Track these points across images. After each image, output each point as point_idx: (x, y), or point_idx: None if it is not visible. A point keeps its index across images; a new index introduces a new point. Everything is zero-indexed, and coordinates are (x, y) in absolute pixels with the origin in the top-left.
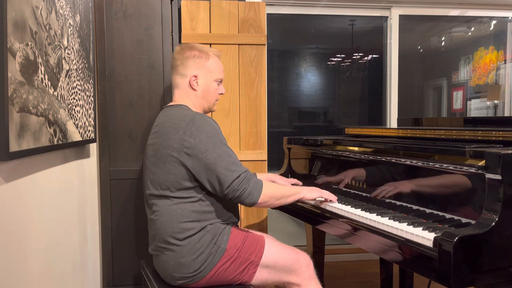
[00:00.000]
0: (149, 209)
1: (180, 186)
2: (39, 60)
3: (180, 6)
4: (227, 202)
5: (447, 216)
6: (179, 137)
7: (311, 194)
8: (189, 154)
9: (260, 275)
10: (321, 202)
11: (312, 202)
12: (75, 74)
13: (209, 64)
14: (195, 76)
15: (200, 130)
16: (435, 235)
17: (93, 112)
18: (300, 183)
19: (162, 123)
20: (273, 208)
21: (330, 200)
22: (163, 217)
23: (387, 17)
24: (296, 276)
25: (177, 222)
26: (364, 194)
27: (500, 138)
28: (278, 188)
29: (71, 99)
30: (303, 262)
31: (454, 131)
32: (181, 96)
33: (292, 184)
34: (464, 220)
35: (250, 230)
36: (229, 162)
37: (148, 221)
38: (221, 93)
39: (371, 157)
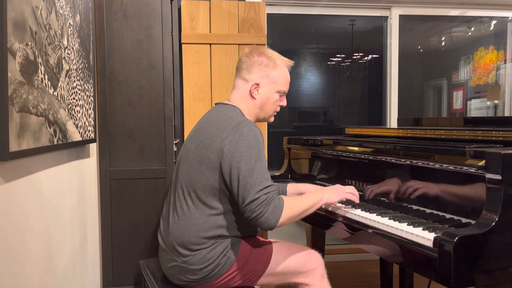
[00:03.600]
0: (172, 205)
1: (209, 192)
2: (39, 60)
3: (180, 6)
4: None
5: (447, 216)
6: (221, 139)
7: (334, 198)
8: (225, 158)
9: (265, 280)
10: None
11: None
12: (75, 74)
13: (275, 74)
14: (257, 84)
15: (242, 138)
16: (435, 235)
17: (93, 112)
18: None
19: (210, 121)
20: None
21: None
22: (184, 223)
23: (387, 17)
24: (304, 277)
25: (195, 234)
26: (364, 194)
27: (500, 138)
28: (298, 206)
29: (71, 99)
30: (314, 263)
31: (454, 131)
32: (238, 99)
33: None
34: (464, 220)
35: (258, 237)
36: (257, 180)
37: (167, 210)
38: (282, 105)
39: (371, 157)
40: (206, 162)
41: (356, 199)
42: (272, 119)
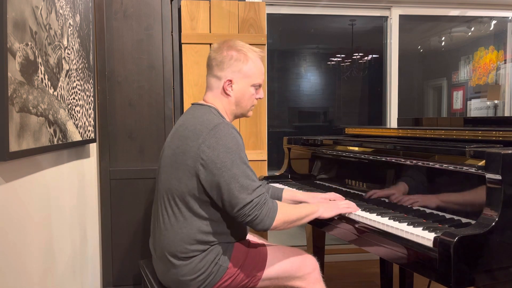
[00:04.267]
0: (158, 211)
1: (189, 198)
2: (39, 60)
3: (180, 6)
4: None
5: (447, 216)
6: (198, 145)
7: (329, 213)
8: (204, 166)
9: (261, 284)
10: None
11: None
12: (75, 74)
13: (247, 67)
14: (230, 81)
15: (220, 142)
16: (435, 235)
17: (93, 112)
18: (337, 196)
19: (185, 124)
20: None
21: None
22: (169, 232)
23: (387, 17)
24: (300, 280)
25: (182, 242)
26: (364, 194)
27: (500, 138)
28: (292, 212)
29: (71, 99)
30: (309, 267)
31: (454, 131)
32: (213, 98)
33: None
34: (464, 220)
35: (251, 240)
36: (244, 184)
37: (154, 220)
38: (259, 98)
39: (371, 157)
40: (183, 168)
41: (353, 211)
42: (250, 113)
